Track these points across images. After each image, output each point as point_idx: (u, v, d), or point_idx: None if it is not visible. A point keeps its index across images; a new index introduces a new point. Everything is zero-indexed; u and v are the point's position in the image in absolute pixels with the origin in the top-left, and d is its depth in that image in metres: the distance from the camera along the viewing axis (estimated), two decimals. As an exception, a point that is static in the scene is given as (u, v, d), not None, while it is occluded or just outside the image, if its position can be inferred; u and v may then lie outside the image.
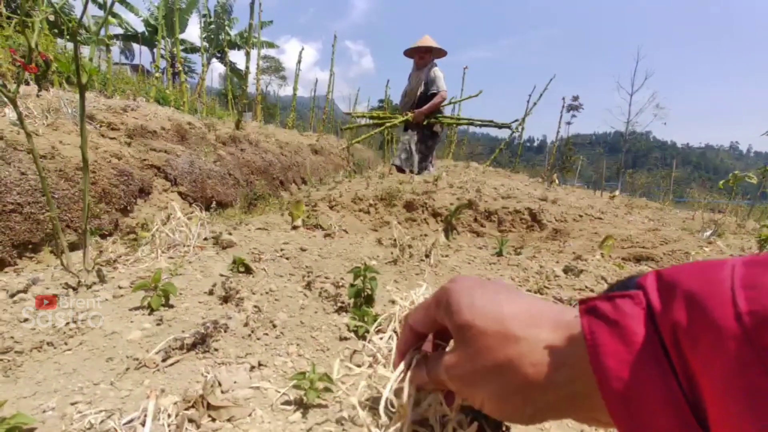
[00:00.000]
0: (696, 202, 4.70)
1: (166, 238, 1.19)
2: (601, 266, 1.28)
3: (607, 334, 0.24)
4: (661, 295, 0.23)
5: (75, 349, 0.68)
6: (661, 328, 0.22)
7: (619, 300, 0.25)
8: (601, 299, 0.26)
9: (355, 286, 0.84)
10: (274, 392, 0.60)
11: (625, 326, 0.23)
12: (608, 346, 0.23)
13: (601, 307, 0.25)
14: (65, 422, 0.52)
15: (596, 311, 0.25)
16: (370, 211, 2.55)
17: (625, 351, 0.23)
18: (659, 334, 0.22)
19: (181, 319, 0.79)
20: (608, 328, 0.24)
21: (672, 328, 0.21)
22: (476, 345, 0.29)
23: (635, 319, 0.23)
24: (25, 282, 0.89)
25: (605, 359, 0.23)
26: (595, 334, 0.24)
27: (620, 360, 0.23)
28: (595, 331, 0.24)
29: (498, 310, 0.29)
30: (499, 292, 0.31)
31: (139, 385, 0.60)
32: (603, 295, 0.26)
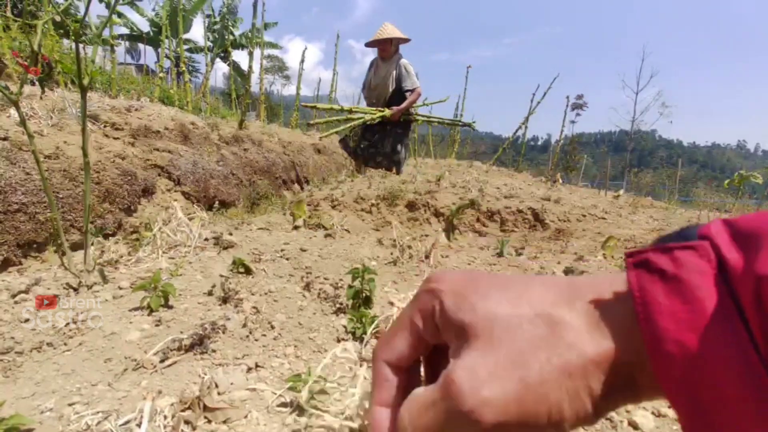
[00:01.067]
0: (702, 201, 4.65)
1: (167, 238, 1.19)
2: (603, 267, 1.27)
3: (662, 291, 0.20)
4: (737, 246, 0.19)
5: (74, 349, 0.69)
6: (739, 284, 0.18)
7: (679, 252, 0.20)
8: (655, 251, 0.21)
9: (354, 287, 0.84)
10: (271, 394, 0.60)
11: (687, 282, 0.19)
12: (663, 304, 0.19)
13: (654, 261, 0.21)
14: (62, 423, 0.52)
15: (648, 265, 0.21)
16: (372, 210, 2.55)
17: (686, 310, 0.19)
18: (734, 291, 0.18)
19: (180, 319, 0.79)
20: (664, 284, 0.20)
21: (756, 285, 0.17)
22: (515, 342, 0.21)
23: (701, 273, 0.19)
24: (27, 282, 0.89)
25: (658, 318, 0.19)
26: (646, 291, 0.20)
27: (678, 320, 0.19)
28: (646, 287, 0.20)
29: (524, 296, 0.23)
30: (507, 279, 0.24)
31: (137, 386, 0.60)
32: (657, 247, 0.21)
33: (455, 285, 0.24)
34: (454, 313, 0.23)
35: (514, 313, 0.22)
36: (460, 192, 2.71)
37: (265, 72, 5.64)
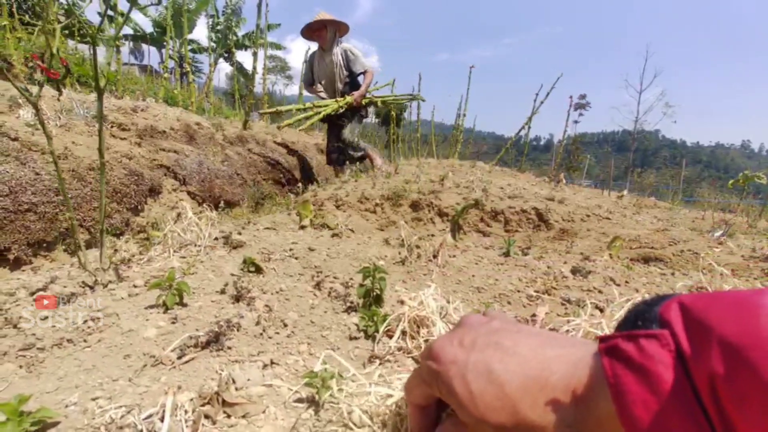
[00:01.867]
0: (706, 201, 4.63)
1: (177, 237, 1.21)
2: (609, 267, 1.28)
3: (633, 381, 0.22)
4: (690, 337, 0.22)
5: (94, 346, 0.70)
6: (695, 376, 0.21)
7: (644, 341, 0.23)
8: (623, 338, 0.24)
9: (365, 286, 0.85)
10: (287, 390, 0.61)
11: (652, 372, 0.22)
12: (636, 394, 0.22)
13: (623, 348, 0.23)
14: (87, 416, 0.54)
15: (618, 352, 0.23)
16: (376, 210, 2.56)
17: (655, 400, 0.21)
18: (692, 382, 0.21)
19: (195, 317, 0.81)
20: (634, 375, 0.22)
21: (709, 379, 0.20)
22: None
23: (663, 364, 0.22)
24: (44, 281, 0.91)
25: (633, 408, 0.22)
26: (620, 379, 0.22)
27: (650, 411, 0.21)
28: (619, 375, 0.23)
29: (504, 395, 0.26)
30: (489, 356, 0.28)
31: (156, 382, 0.62)
32: (624, 334, 0.24)
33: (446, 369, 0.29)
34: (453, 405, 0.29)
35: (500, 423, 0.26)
36: (463, 192, 2.72)
37: (268, 72, 5.66)
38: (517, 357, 0.28)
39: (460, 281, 1.10)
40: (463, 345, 0.30)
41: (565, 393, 0.25)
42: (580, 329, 0.70)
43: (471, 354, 0.29)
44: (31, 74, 3.14)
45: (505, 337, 0.30)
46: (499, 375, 0.27)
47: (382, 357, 0.71)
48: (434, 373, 0.30)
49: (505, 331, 0.31)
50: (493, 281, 1.10)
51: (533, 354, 0.28)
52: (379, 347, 0.74)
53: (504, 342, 0.29)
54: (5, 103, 1.96)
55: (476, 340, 0.30)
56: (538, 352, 0.28)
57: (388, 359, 0.71)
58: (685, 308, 0.23)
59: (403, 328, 0.75)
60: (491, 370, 0.27)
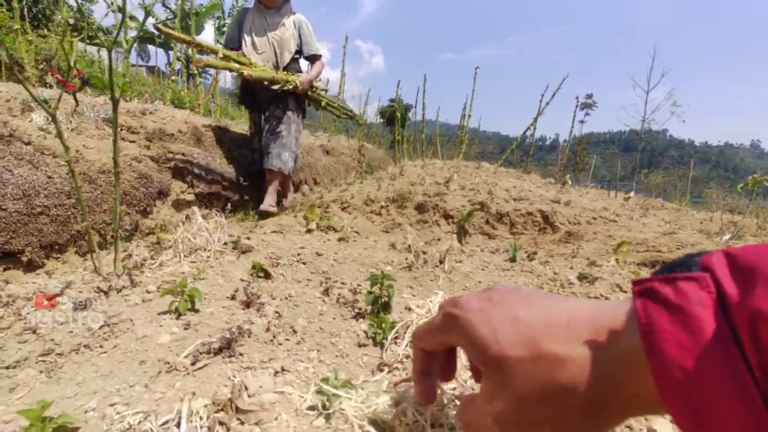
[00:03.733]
0: (714, 202, 4.59)
1: (187, 242, 1.23)
2: (617, 273, 1.28)
3: (667, 320, 0.21)
4: (735, 279, 0.21)
5: (110, 351, 0.72)
6: (737, 317, 0.20)
7: (682, 283, 0.22)
8: (660, 281, 0.23)
9: (373, 293, 0.86)
10: (298, 397, 0.63)
11: (690, 313, 0.21)
12: (668, 332, 0.21)
13: (659, 290, 0.22)
14: (106, 422, 0.55)
15: (653, 294, 0.22)
16: (381, 212, 2.57)
17: (689, 339, 0.20)
18: (732, 323, 0.20)
19: (207, 323, 0.82)
20: (668, 314, 0.21)
21: (751, 319, 0.19)
22: (518, 378, 0.25)
23: (703, 305, 0.21)
24: (60, 285, 0.94)
25: (664, 345, 0.21)
26: (653, 319, 0.22)
27: (683, 348, 0.20)
28: (653, 315, 0.22)
29: (527, 331, 0.26)
30: (516, 306, 0.28)
31: (171, 388, 0.63)
32: (661, 277, 0.23)
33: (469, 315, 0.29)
34: (470, 350, 0.29)
35: (519, 356, 0.26)
36: (469, 194, 2.72)
37: (274, 73, 5.66)
38: (543, 306, 0.28)
39: (467, 287, 1.11)
40: (492, 299, 0.30)
41: (591, 330, 0.24)
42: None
43: (498, 306, 0.29)
44: (41, 76, 3.19)
45: (531, 293, 0.30)
46: (523, 318, 0.27)
47: (391, 364, 0.72)
48: (456, 320, 0.30)
49: (533, 291, 0.31)
50: (500, 287, 1.11)
51: (559, 302, 0.28)
52: (388, 354, 0.75)
53: (529, 297, 0.29)
54: (18, 106, 2.00)
55: (502, 297, 0.30)
56: (565, 301, 0.28)
57: (397, 367, 0.72)
58: (731, 255, 0.22)
59: (412, 335, 0.76)
60: (516, 316, 0.27)
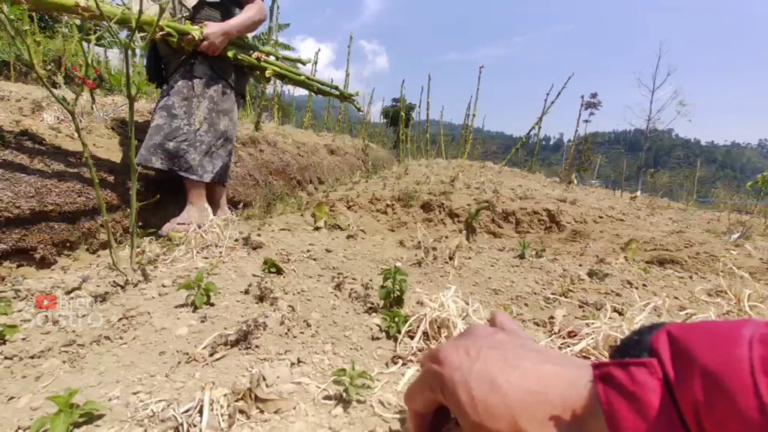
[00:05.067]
0: (722, 202, 4.55)
1: (199, 239, 1.25)
2: (626, 270, 1.28)
3: (625, 408, 0.24)
4: (675, 366, 0.24)
5: (130, 343, 0.74)
6: (681, 402, 0.23)
7: (634, 368, 0.25)
8: (616, 366, 0.26)
9: (386, 287, 0.87)
10: (315, 388, 0.64)
11: (642, 400, 0.24)
12: (627, 419, 0.24)
13: (616, 376, 0.25)
14: (130, 410, 0.57)
15: (611, 380, 0.25)
16: (387, 211, 2.58)
17: (644, 426, 0.23)
18: (677, 407, 0.23)
19: (223, 316, 0.84)
20: (625, 401, 0.24)
21: (693, 406, 0.22)
22: None
23: (652, 391, 0.24)
24: (78, 280, 0.95)
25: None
26: (613, 407, 0.24)
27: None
28: (613, 402, 0.25)
29: (504, 405, 0.28)
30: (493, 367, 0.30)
31: (191, 378, 0.65)
32: (617, 362, 0.26)
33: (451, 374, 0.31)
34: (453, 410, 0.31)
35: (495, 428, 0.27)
36: (474, 193, 2.72)
37: (279, 74, 5.67)
38: (518, 370, 0.30)
39: (477, 283, 1.12)
40: (469, 354, 0.32)
41: (563, 411, 0.27)
42: (600, 332, 0.71)
43: (475, 363, 0.31)
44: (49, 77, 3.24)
45: (509, 350, 0.32)
46: (501, 385, 0.29)
47: (405, 357, 0.73)
48: (438, 377, 0.32)
49: (509, 344, 0.33)
50: (510, 283, 1.11)
51: (534, 369, 0.29)
52: (401, 348, 0.76)
53: (507, 355, 0.31)
54: (28, 106, 2.03)
55: (480, 352, 0.32)
56: (538, 368, 0.29)
57: (411, 359, 0.73)
58: (673, 338, 0.25)
59: (425, 329, 0.77)
60: (493, 380, 0.29)
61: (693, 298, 1.09)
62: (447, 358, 0.32)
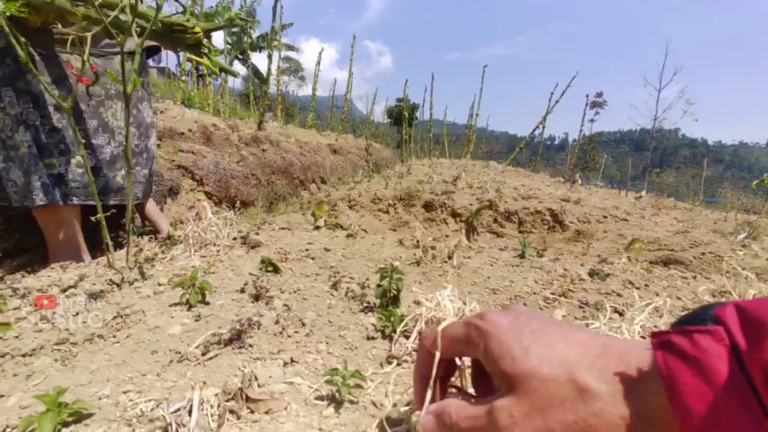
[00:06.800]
0: (729, 202, 4.49)
1: (198, 237, 1.24)
2: (628, 270, 1.26)
3: (687, 372, 0.23)
4: (746, 333, 0.22)
5: (123, 341, 0.73)
6: (750, 368, 0.21)
7: (698, 335, 0.23)
8: (676, 333, 0.24)
9: (382, 286, 0.86)
10: (307, 388, 0.63)
11: (706, 364, 0.22)
12: (689, 384, 0.22)
13: (676, 342, 0.24)
14: (119, 409, 0.56)
15: (671, 346, 0.24)
16: (389, 211, 2.57)
17: (709, 391, 0.22)
18: (747, 374, 0.21)
19: (217, 315, 0.83)
20: (687, 366, 0.23)
21: (763, 369, 0.21)
22: (546, 396, 0.26)
23: (718, 357, 0.22)
24: (74, 278, 0.95)
25: (687, 398, 0.22)
26: (673, 371, 0.23)
27: (704, 400, 0.22)
28: (672, 367, 0.23)
29: (563, 356, 0.27)
30: (546, 330, 0.29)
31: (182, 377, 0.64)
32: (678, 329, 0.25)
33: (500, 330, 0.30)
34: (495, 360, 0.29)
35: (549, 375, 0.26)
36: (477, 192, 2.71)
37: (282, 73, 5.72)
38: (573, 333, 0.29)
39: (476, 282, 1.10)
40: (519, 320, 0.31)
41: (624, 365, 0.26)
42: (600, 332, 0.69)
43: (527, 326, 0.30)
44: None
45: (559, 325, 0.31)
46: (555, 341, 0.28)
47: (400, 357, 0.72)
48: (484, 333, 0.30)
49: (558, 322, 0.32)
50: (509, 283, 1.10)
51: (588, 337, 0.29)
52: (397, 347, 0.75)
53: (559, 324, 0.30)
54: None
55: (531, 322, 0.31)
56: (593, 336, 0.29)
57: (406, 359, 0.72)
58: (741, 309, 0.23)
59: (420, 329, 0.76)
60: (548, 337, 0.29)
61: (696, 299, 1.07)
62: (496, 318, 0.31)
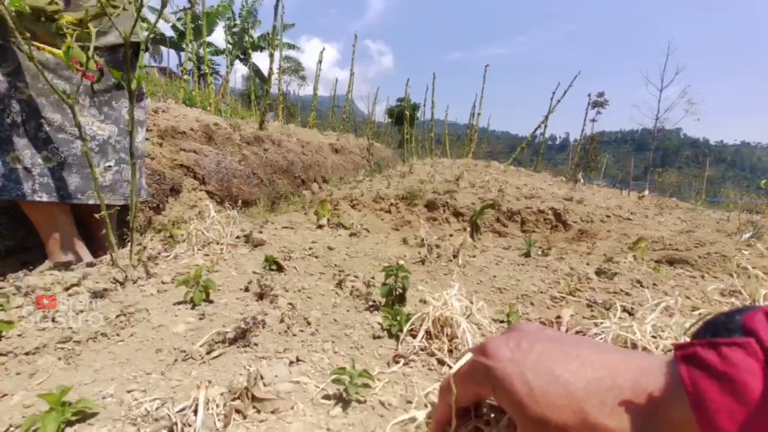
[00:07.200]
0: (731, 202, 4.46)
1: (201, 236, 1.24)
2: (635, 269, 1.24)
3: (716, 390, 0.21)
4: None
5: (126, 340, 0.73)
6: None
7: (726, 349, 0.21)
8: (703, 346, 0.22)
9: (387, 285, 0.85)
10: (314, 387, 0.62)
11: (738, 381, 0.20)
12: (719, 402, 0.20)
13: (703, 356, 0.22)
14: (124, 408, 0.55)
15: (697, 360, 0.22)
16: (391, 210, 2.56)
17: (742, 409, 0.20)
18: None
19: (221, 314, 0.82)
20: (717, 383, 0.21)
21: None
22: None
23: (751, 373, 0.20)
24: (77, 276, 0.95)
25: (717, 418, 0.20)
26: (700, 388, 0.21)
27: (735, 421, 0.20)
28: (699, 384, 0.21)
29: (568, 393, 0.25)
30: (550, 359, 0.27)
31: (187, 376, 0.63)
32: (704, 342, 0.23)
33: (503, 366, 0.28)
34: (505, 405, 0.28)
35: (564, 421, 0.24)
36: (479, 192, 2.70)
37: (283, 73, 5.71)
38: (579, 360, 0.27)
39: (482, 281, 1.09)
40: (521, 347, 0.29)
41: (636, 395, 0.24)
42: (610, 332, 0.68)
43: (530, 355, 0.28)
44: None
45: (565, 342, 0.29)
46: (561, 374, 0.26)
47: (407, 356, 0.71)
48: (488, 370, 0.29)
49: (565, 337, 0.30)
50: (515, 282, 1.09)
51: (597, 358, 0.27)
52: (403, 347, 0.74)
53: (564, 347, 0.28)
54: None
55: (534, 344, 0.29)
56: (603, 356, 0.27)
57: (413, 359, 0.71)
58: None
59: (427, 327, 0.75)
60: (552, 370, 0.26)
61: (705, 298, 1.06)
62: (497, 350, 0.30)
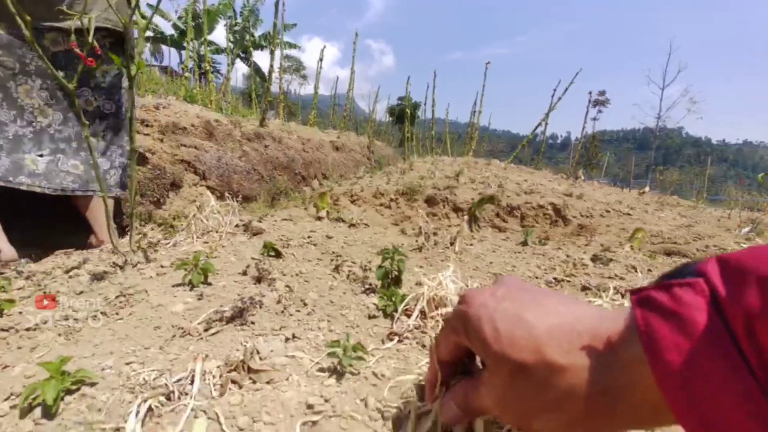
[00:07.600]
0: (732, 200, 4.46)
1: (201, 224, 1.25)
2: (631, 257, 1.25)
3: (665, 327, 0.22)
4: (726, 282, 0.21)
5: (126, 318, 0.74)
6: (730, 316, 0.20)
7: (678, 289, 0.23)
8: (656, 288, 0.24)
9: (383, 267, 0.86)
10: (309, 361, 0.63)
11: (686, 317, 0.21)
12: (667, 338, 0.21)
13: (656, 298, 0.23)
14: (122, 378, 0.57)
15: (650, 302, 0.23)
16: (391, 205, 2.57)
17: (687, 343, 0.21)
18: (727, 323, 0.20)
19: (219, 295, 0.83)
20: (666, 321, 0.22)
21: (745, 316, 0.20)
22: (520, 379, 0.27)
23: (697, 309, 0.21)
24: (77, 260, 0.96)
25: (665, 353, 0.21)
26: (651, 327, 0.22)
27: (682, 352, 0.21)
28: (651, 323, 0.22)
29: (530, 335, 0.27)
30: (521, 305, 0.29)
31: (185, 351, 0.64)
32: (657, 284, 0.24)
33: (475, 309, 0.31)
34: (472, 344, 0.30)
35: (522, 359, 0.27)
36: (479, 188, 2.70)
37: (284, 72, 5.73)
38: (545, 308, 0.29)
39: (478, 267, 1.10)
40: (495, 295, 0.31)
41: (593, 339, 0.25)
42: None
43: (501, 302, 0.30)
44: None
45: (536, 294, 0.31)
46: (527, 319, 0.28)
47: (401, 334, 0.72)
48: (463, 315, 0.31)
49: (538, 290, 0.32)
50: (511, 268, 1.09)
51: (563, 306, 0.28)
52: (398, 325, 0.75)
53: (535, 296, 0.30)
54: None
55: (507, 293, 0.31)
56: (568, 306, 0.28)
57: (407, 336, 0.72)
58: (723, 260, 0.23)
59: (422, 307, 0.76)
60: (519, 315, 0.28)
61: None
62: (474, 297, 0.32)
